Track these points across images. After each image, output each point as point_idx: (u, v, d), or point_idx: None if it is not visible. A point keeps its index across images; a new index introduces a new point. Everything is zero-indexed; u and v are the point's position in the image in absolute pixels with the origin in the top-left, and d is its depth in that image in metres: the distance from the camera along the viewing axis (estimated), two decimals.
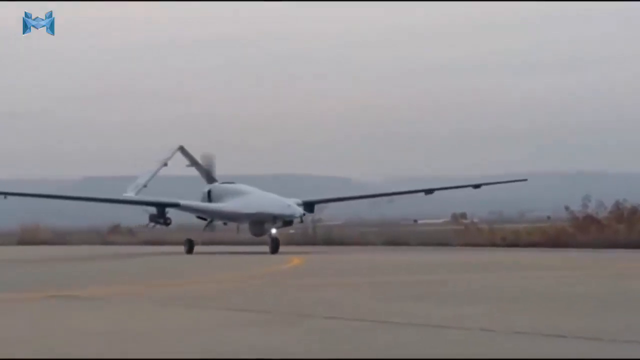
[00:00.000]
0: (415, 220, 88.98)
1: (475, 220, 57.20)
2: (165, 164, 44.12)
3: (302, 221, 40.54)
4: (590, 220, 35.95)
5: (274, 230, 37.96)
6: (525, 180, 44.80)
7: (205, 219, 43.40)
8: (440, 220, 73.04)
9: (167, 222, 41.80)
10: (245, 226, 42.32)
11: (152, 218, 41.90)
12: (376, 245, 45.32)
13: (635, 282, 18.18)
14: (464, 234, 42.86)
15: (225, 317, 12.83)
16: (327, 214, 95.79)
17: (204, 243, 46.39)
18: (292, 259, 31.68)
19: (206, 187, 42.86)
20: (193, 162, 44.39)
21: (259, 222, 39.30)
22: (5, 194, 39.64)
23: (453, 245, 40.77)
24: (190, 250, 40.95)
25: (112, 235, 74.11)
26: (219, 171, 44.65)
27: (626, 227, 35.23)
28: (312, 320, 12.26)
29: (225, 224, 44.12)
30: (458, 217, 72.58)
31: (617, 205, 37.69)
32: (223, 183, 42.53)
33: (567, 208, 39.41)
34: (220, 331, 11.12)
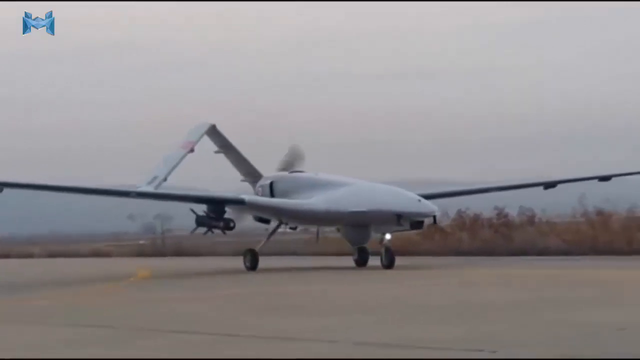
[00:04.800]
0: (267, 229, 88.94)
1: (327, 229, 57.40)
2: (192, 150, 32.04)
3: (435, 222, 28.96)
4: (434, 229, 36.71)
5: (388, 236, 27.64)
6: None
7: (266, 222, 31.84)
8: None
9: (229, 225, 29.96)
10: (316, 228, 33.37)
11: (203, 220, 30.25)
12: (226, 255, 45.13)
13: (477, 290, 18.77)
14: (314, 243, 43.07)
15: (70, 333, 12.76)
16: (178, 224, 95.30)
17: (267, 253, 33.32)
18: (140, 271, 31.45)
19: (266, 180, 31.24)
20: (226, 148, 32.93)
21: (364, 225, 28.55)
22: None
23: (302, 254, 41.04)
24: (253, 266, 29.93)
25: None
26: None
27: (469, 235, 36.29)
28: (161, 335, 12.33)
29: (293, 228, 32.77)
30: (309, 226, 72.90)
31: (460, 214, 38.67)
32: (292, 172, 31.11)
33: None
34: (63, 349, 11.07)
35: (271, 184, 30.73)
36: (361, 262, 29.51)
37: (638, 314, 12.80)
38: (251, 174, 32.68)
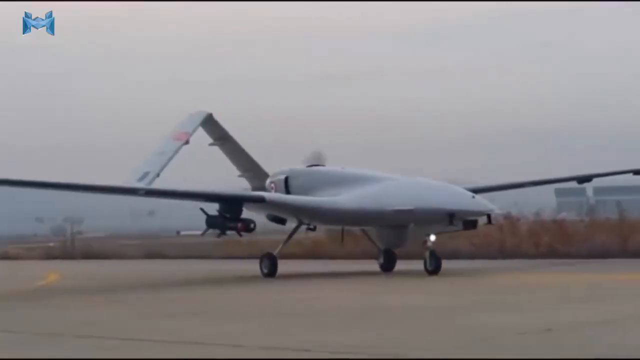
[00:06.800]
0: (178, 232, 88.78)
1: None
2: (187, 142, 28.89)
3: (490, 221, 24.75)
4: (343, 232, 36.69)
5: (433, 238, 24.27)
6: None
7: (282, 222, 27.89)
8: (202, 232, 72.28)
9: (249, 227, 26.29)
10: (339, 230, 29.34)
11: (216, 221, 26.60)
12: (137, 258, 44.84)
13: (385, 296, 18.94)
14: (224, 246, 43.05)
15: None
16: (88, 226, 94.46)
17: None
18: (49, 274, 31.05)
19: (280, 174, 27.58)
20: (223, 140, 29.73)
21: (403, 226, 25.15)
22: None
23: (213, 257, 40.92)
24: (272, 272, 26.07)
25: None
26: None
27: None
28: (65, 340, 12.29)
29: (311, 228, 28.17)
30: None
31: None
32: (311, 166, 27.49)
33: None
34: None
35: (286, 180, 27.25)
36: (387, 266, 26.74)
37: (540, 318, 13.07)
38: (251, 169, 29.67)
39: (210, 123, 29.52)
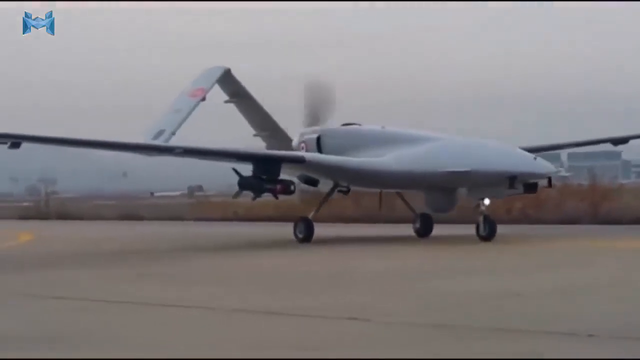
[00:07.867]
0: (152, 193, 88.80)
1: (211, 193, 57.11)
2: (204, 99, 27.45)
3: (550, 184, 23.78)
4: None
5: (487, 202, 22.67)
6: None
7: (314, 184, 26.14)
8: (177, 193, 72.74)
9: (289, 188, 24.38)
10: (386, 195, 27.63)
11: (252, 183, 24.38)
12: (112, 219, 44.79)
13: (354, 261, 18.96)
14: (198, 208, 43.08)
15: None
16: (62, 187, 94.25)
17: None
18: (21, 235, 30.98)
19: (311, 134, 25.93)
20: (240, 97, 28.49)
21: (452, 189, 23.78)
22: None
23: (187, 219, 40.94)
24: (307, 236, 24.41)
25: None
26: None
27: (353, 203, 36.23)
28: (36, 301, 12.34)
29: (345, 191, 26.53)
30: (194, 190, 72.63)
31: None
32: (345, 125, 26.11)
33: None
34: None
35: (319, 139, 25.60)
36: (424, 231, 25.44)
37: (512, 283, 13.20)
38: (268, 128, 28.38)
39: (227, 79, 28.16)
